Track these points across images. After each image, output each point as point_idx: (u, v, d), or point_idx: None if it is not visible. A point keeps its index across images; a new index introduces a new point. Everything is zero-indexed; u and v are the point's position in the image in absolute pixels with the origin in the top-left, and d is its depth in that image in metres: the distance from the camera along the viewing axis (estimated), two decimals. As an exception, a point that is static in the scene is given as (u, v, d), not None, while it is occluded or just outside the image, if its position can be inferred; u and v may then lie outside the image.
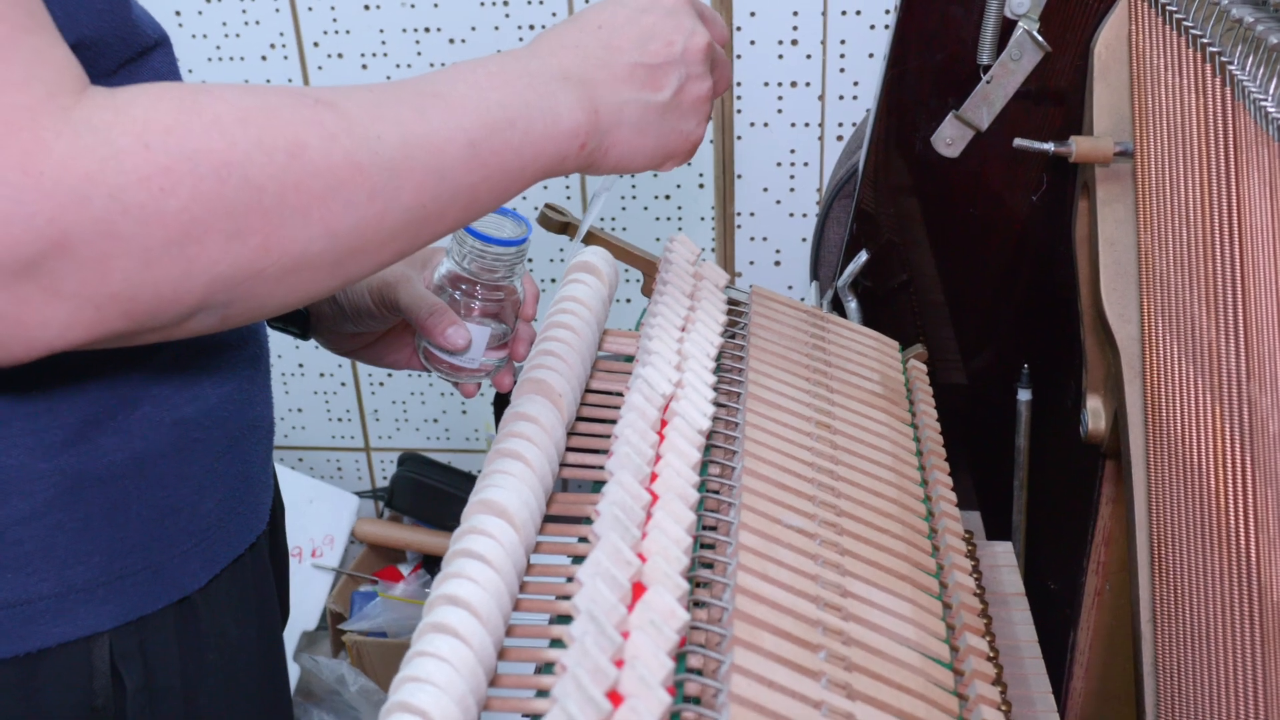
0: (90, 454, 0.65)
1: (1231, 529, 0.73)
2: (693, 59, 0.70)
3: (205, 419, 0.71)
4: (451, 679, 0.51)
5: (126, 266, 0.49)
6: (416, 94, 0.60)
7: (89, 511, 0.65)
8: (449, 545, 0.60)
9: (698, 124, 0.72)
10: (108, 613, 0.66)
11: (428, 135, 0.58)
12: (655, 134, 0.69)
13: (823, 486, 0.74)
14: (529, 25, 1.77)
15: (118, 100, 0.50)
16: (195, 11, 1.82)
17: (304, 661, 1.90)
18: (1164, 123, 0.85)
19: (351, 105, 0.57)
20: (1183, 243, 0.82)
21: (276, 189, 0.52)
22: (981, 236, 1.13)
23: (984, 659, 0.67)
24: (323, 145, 0.54)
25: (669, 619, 0.55)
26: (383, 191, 0.56)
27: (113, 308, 0.50)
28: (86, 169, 0.48)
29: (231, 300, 0.54)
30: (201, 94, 0.52)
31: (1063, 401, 1.12)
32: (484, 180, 0.61)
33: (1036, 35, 1.00)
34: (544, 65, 0.65)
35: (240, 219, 0.52)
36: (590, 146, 0.66)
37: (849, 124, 1.77)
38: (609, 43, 0.68)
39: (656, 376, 0.74)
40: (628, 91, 0.68)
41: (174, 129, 0.50)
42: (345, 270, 0.58)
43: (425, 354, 0.87)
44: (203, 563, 0.71)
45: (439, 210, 0.60)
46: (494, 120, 0.61)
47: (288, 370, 2.08)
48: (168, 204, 0.49)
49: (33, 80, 0.48)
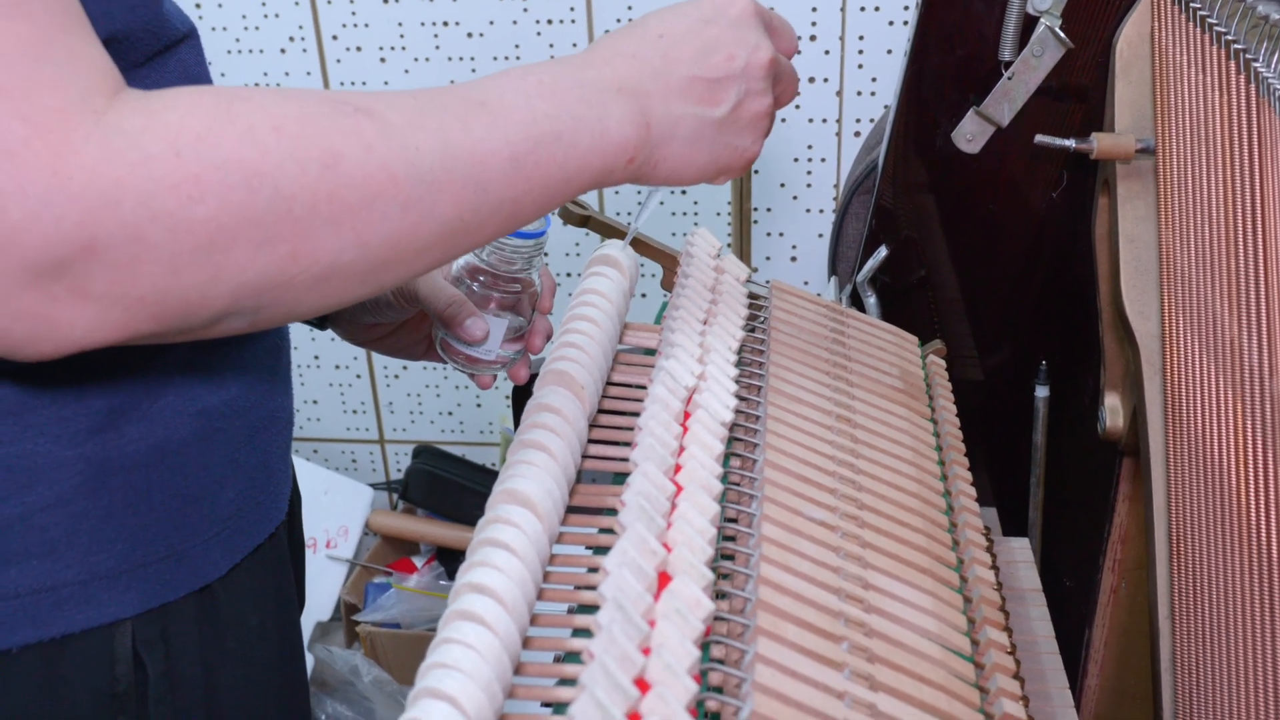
0: (115, 442, 0.65)
1: (1252, 525, 0.73)
2: (754, 74, 0.68)
3: (227, 409, 0.71)
4: (478, 666, 0.51)
5: (154, 271, 0.50)
6: (462, 102, 0.58)
7: (113, 499, 0.65)
8: (473, 534, 0.60)
9: (754, 140, 0.70)
10: (130, 600, 0.67)
11: (469, 147, 0.57)
12: (709, 149, 0.68)
13: (844, 480, 0.74)
14: (547, 20, 1.77)
15: (152, 105, 0.50)
16: (215, 4, 1.83)
17: (318, 652, 1.91)
18: (1186, 119, 0.85)
19: (393, 114, 0.56)
20: (1204, 239, 0.82)
21: (308, 199, 0.52)
22: (1001, 232, 1.13)
23: (1004, 653, 0.67)
24: (359, 155, 0.53)
25: (695, 608, 0.56)
26: (419, 203, 0.55)
27: (140, 310, 0.51)
28: (116, 174, 0.48)
29: (260, 306, 0.54)
30: (237, 101, 0.52)
31: (1080, 398, 1.12)
32: (526, 193, 0.60)
33: (1058, 31, 1.00)
34: (598, 75, 0.63)
35: (269, 228, 0.51)
36: (639, 160, 0.65)
37: (867, 120, 1.77)
38: (668, 53, 0.66)
39: (679, 369, 0.75)
40: (683, 105, 0.66)
41: (206, 137, 0.50)
42: (378, 279, 0.57)
43: (442, 345, 0.88)
44: (224, 551, 0.72)
45: (478, 222, 0.59)
46: (540, 133, 0.60)
47: (304, 362, 2.09)
48: (196, 211, 0.49)
49: (66, 82, 0.48)
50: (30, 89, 0.47)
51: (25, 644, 0.64)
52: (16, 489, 0.63)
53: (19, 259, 0.47)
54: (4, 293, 0.48)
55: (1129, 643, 1.10)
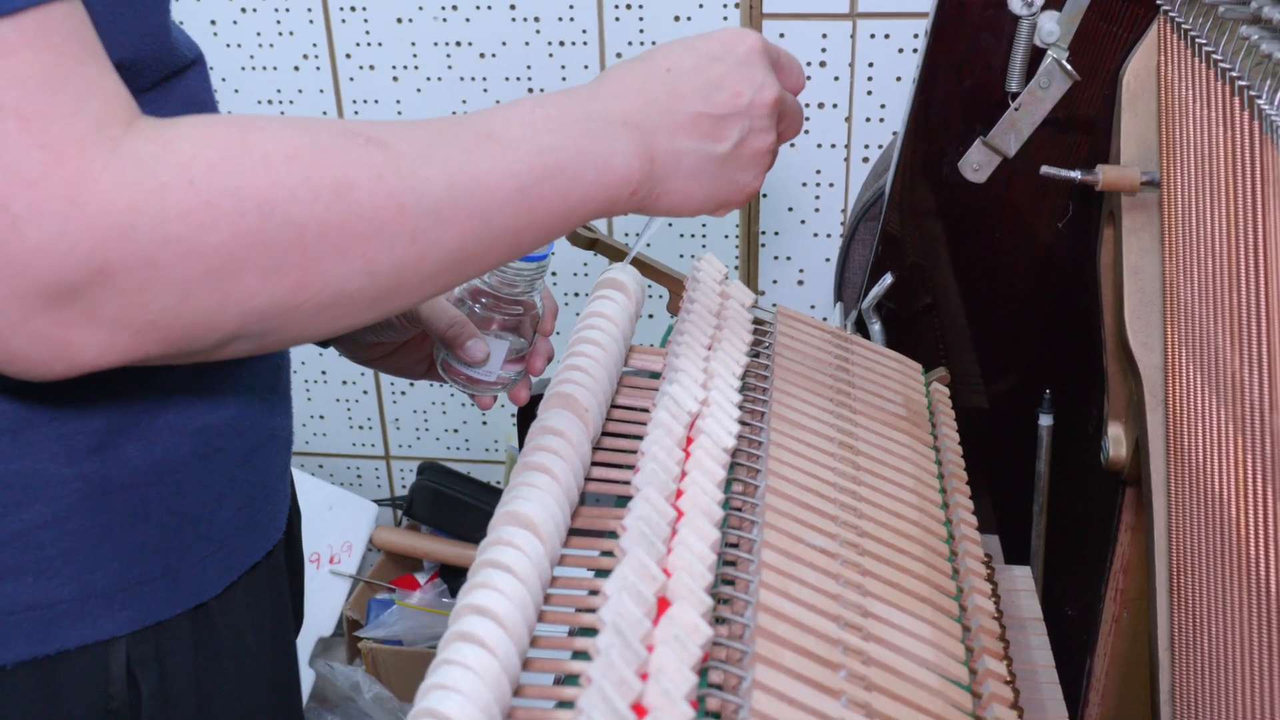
0: (113, 460, 0.66)
1: (1252, 560, 0.74)
2: (758, 112, 0.69)
3: (226, 427, 0.71)
4: (477, 688, 0.52)
5: (165, 296, 0.51)
6: (470, 134, 0.59)
7: (110, 517, 0.66)
8: (476, 556, 0.60)
9: (755, 176, 0.71)
10: (125, 618, 0.67)
11: (476, 178, 0.58)
12: (711, 183, 0.68)
13: (845, 507, 0.74)
14: (559, 42, 1.78)
15: (167, 134, 0.51)
16: (230, 21, 1.84)
17: (319, 667, 1.91)
18: (1191, 154, 0.86)
19: (403, 145, 0.56)
20: (1207, 273, 0.82)
21: (318, 228, 0.53)
22: (1006, 262, 1.14)
23: (1002, 683, 0.68)
24: (369, 186, 0.54)
25: (693, 634, 0.56)
26: (425, 233, 0.56)
27: (150, 334, 0.52)
28: (130, 201, 0.49)
29: (267, 331, 0.55)
30: (251, 130, 0.53)
31: (1084, 428, 1.13)
32: (530, 224, 0.61)
33: (1066, 64, 1.00)
34: (605, 108, 0.64)
35: (279, 255, 0.52)
36: (642, 193, 0.66)
37: (875, 146, 1.77)
38: (674, 88, 0.67)
39: (683, 394, 0.75)
40: (687, 140, 0.67)
41: (219, 165, 0.51)
42: (383, 306, 0.58)
43: (443, 365, 0.88)
44: (220, 570, 0.72)
45: (481, 252, 0.60)
46: (545, 165, 0.61)
47: (310, 377, 2.10)
48: (208, 238, 0.50)
49: (82, 111, 0.49)
50: (49, 118, 0.48)
51: (19, 661, 0.64)
52: (14, 506, 0.63)
53: (34, 283, 0.48)
54: (18, 315, 0.49)
55: (1130, 673, 1.10)
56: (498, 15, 1.79)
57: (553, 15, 1.78)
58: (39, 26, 0.49)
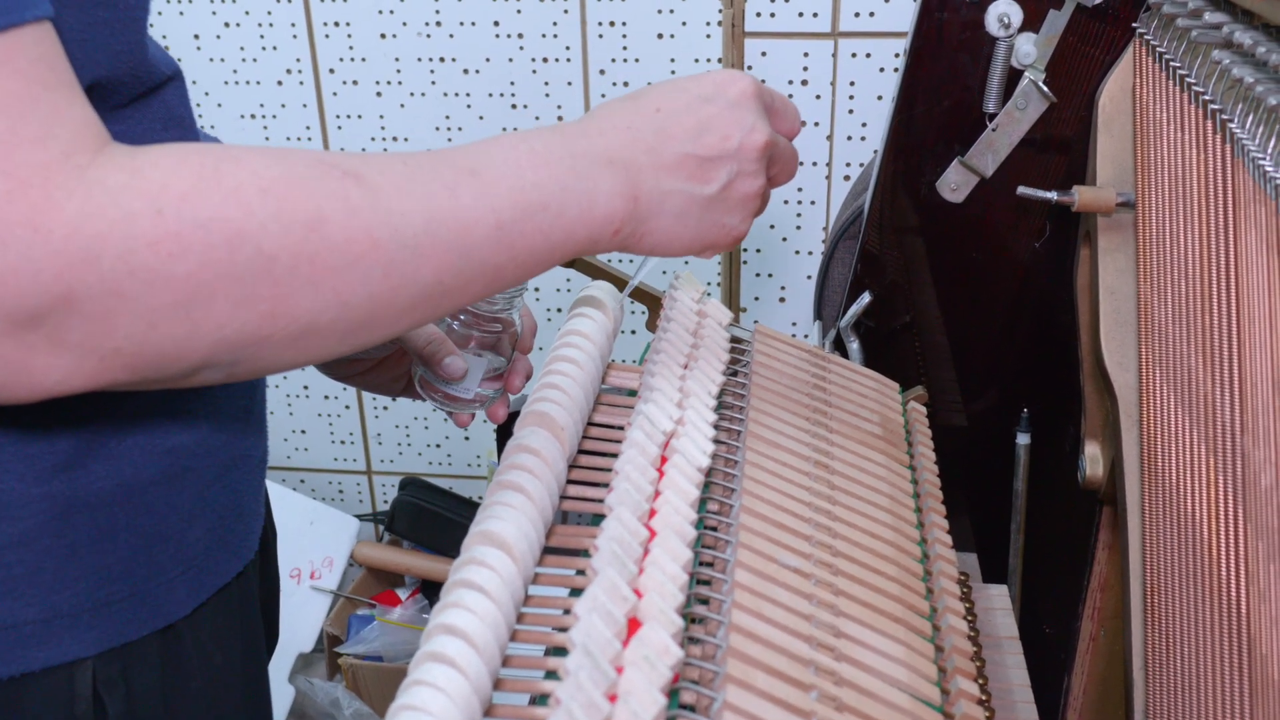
0: (81, 480, 0.65)
1: (1223, 580, 0.74)
2: (747, 156, 0.68)
3: (197, 448, 0.71)
4: (447, 708, 0.52)
5: (130, 324, 0.50)
6: (452, 169, 0.59)
7: (76, 538, 0.65)
8: (449, 575, 0.60)
9: (742, 220, 0.70)
10: (92, 639, 0.67)
11: (455, 214, 0.58)
12: (696, 225, 0.68)
13: (819, 527, 0.74)
14: (542, 58, 1.79)
15: (136, 161, 0.51)
16: (213, 35, 1.84)
17: (299, 684, 1.90)
18: (1165, 176, 0.87)
19: (380, 177, 0.56)
20: (1181, 295, 0.83)
21: (289, 260, 0.53)
22: (984, 281, 1.14)
23: (974, 703, 0.68)
24: (343, 220, 0.54)
25: (663, 655, 0.56)
26: (401, 267, 0.56)
27: (115, 360, 0.51)
28: (96, 229, 0.48)
29: (237, 360, 0.55)
30: (225, 160, 0.53)
31: (1061, 447, 1.13)
32: (510, 261, 0.61)
33: (1042, 85, 1.01)
34: (591, 145, 0.64)
35: (248, 286, 0.52)
36: (625, 232, 0.65)
37: (856, 164, 1.78)
38: (663, 128, 0.66)
39: (658, 413, 0.75)
40: (673, 181, 0.66)
41: (190, 196, 0.51)
42: (356, 338, 0.58)
43: (421, 382, 0.88)
44: (189, 591, 0.71)
45: (459, 286, 0.60)
46: (527, 202, 0.60)
47: (292, 392, 2.09)
48: (175, 268, 0.50)
49: (49, 138, 0.49)
50: (13, 145, 0.48)
51: None
52: None
53: None
54: None
55: (1107, 691, 1.10)
56: (481, 32, 1.80)
57: (536, 32, 1.78)
58: (6, 51, 0.48)
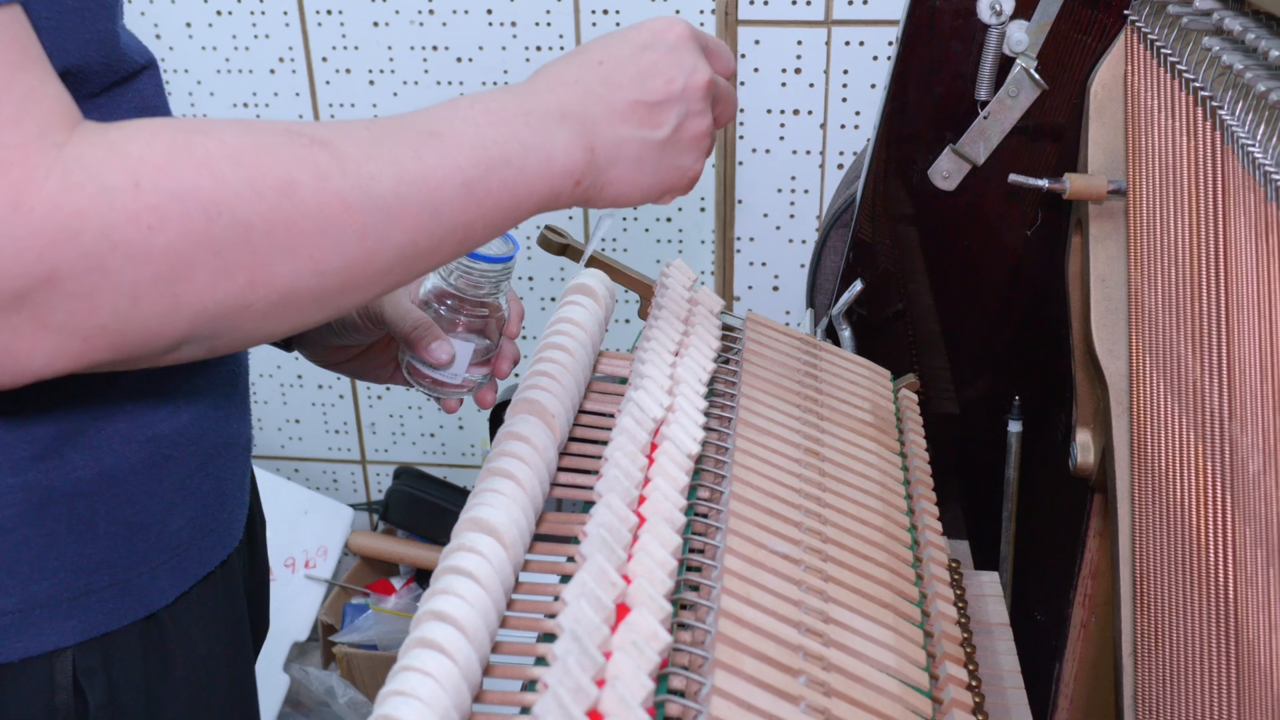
0: (58, 470, 0.65)
1: (1211, 565, 0.74)
2: (692, 96, 0.70)
3: (179, 436, 0.71)
4: (436, 694, 0.52)
5: (114, 300, 0.51)
6: (414, 132, 0.60)
7: (55, 527, 0.65)
8: (439, 561, 0.60)
9: (696, 159, 0.72)
10: (71, 629, 0.67)
11: (423, 175, 0.59)
12: (653, 170, 0.70)
13: (809, 513, 0.75)
14: (535, 46, 1.79)
15: (112, 137, 0.51)
16: (205, 24, 1.84)
17: (294, 672, 1.91)
18: (1156, 163, 0.87)
19: (347, 144, 0.57)
20: (1171, 282, 0.83)
21: (265, 227, 0.53)
22: (976, 269, 1.14)
23: (963, 688, 0.68)
24: (314, 184, 0.55)
25: (651, 640, 0.56)
26: (374, 230, 0.57)
27: (100, 339, 0.52)
28: (77, 206, 0.49)
29: (218, 332, 0.55)
30: (195, 132, 0.53)
31: (1053, 434, 1.13)
32: (479, 218, 0.62)
33: (1034, 73, 1.01)
34: (541, 102, 0.65)
35: (227, 256, 0.53)
36: (586, 183, 0.67)
37: (850, 152, 1.78)
38: (609, 79, 0.68)
39: (648, 400, 0.75)
40: (626, 129, 0.68)
41: (164, 168, 0.51)
42: (334, 304, 0.58)
43: (408, 368, 0.88)
44: (171, 580, 0.71)
45: (431, 247, 0.60)
46: (489, 159, 0.61)
47: (286, 381, 2.09)
48: (155, 241, 0.50)
49: (25, 118, 0.49)
50: None
51: None
52: None
53: None
54: None
55: (1099, 677, 1.10)
56: (474, 20, 1.79)
57: (530, 20, 1.78)
58: None
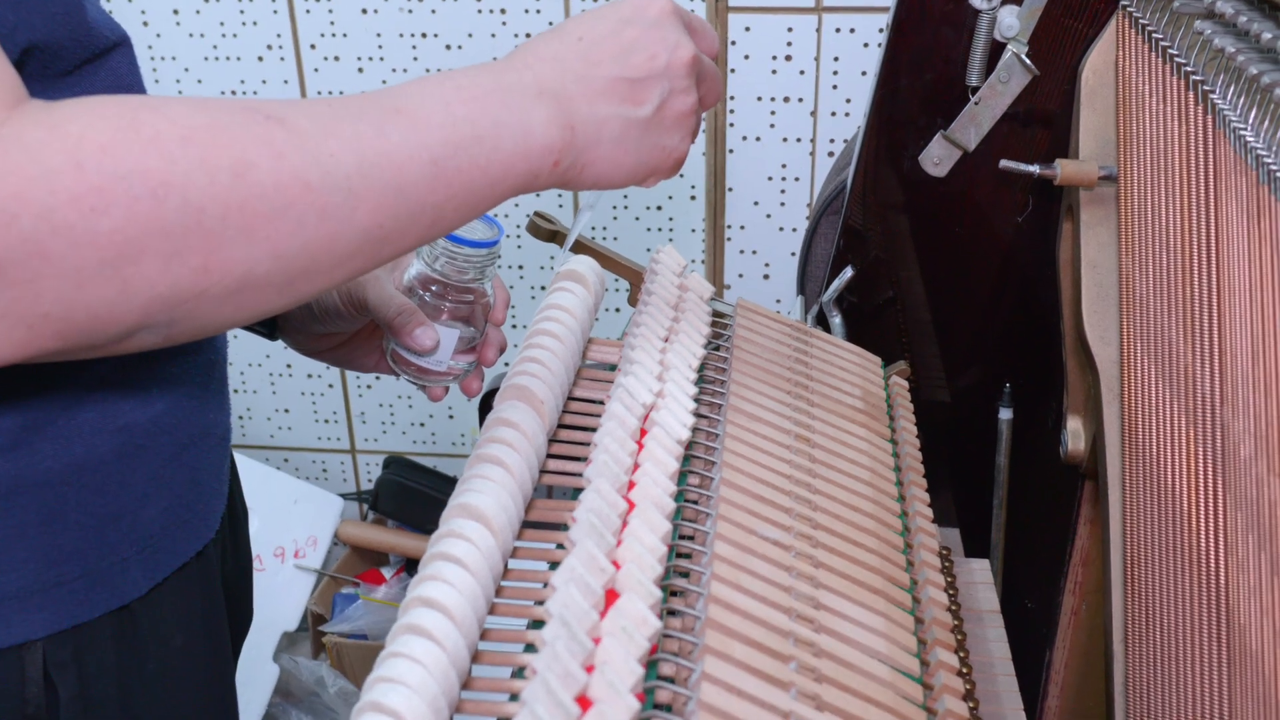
0: (27, 460, 0.64)
1: (1202, 552, 0.74)
2: (676, 73, 0.67)
3: (152, 425, 0.70)
4: (424, 680, 0.51)
5: (58, 287, 0.49)
6: (377, 109, 0.57)
7: (24, 518, 0.64)
8: (427, 548, 0.60)
9: (681, 139, 0.69)
10: (41, 620, 0.66)
11: (386, 153, 0.56)
12: (636, 150, 0.66)
13: (800, 499, 0.74)
14: (525, 33, 1.78)
15: (54, 116, 0.49)
16: (193, 10, 1.82)
17: (284, 662, 1.90)
18: (1147, 148, 0.86)
19: (305, 121, 0.54)
20: (1162, 267, 0.82)
21: (218, 210, 0.51)
22: (967, 256, 1.14)
23: (954, 674, 0.68)
24: (270, 164, 0.52)
25: (640, 626, 0.56)
26: (336, 211, 0.54)
27: (45, 327, 0.50)
28: (15, 189, 0.47)
29: (174, 320, 0.53)
30: (144, 110, 0.51)
31: (1044, 421, 1.13)
32: (449, 199, 0.59)
33: (1025, 58, 1.01)
34: (519, 79, 0.62)
35: (178, 240, 0.50)
36: (565, 164, 0.64)
37: (840, 140, 1.78)
38: (589, 55, 0.65)
39: (637, 386, 0.75)
40: (607, 107, 0.65)
41: (109, 148, 0.49)
42: (296, 290, 0.56)
43: (393, 355, 0.86)
44: (144, 571, 0.70)
45: (399, 229, 0.58)
46: (459, 137, 0.59)
47: (275, 370, 2.08)
48: (100, 224, 0.48)
49: None
50: None
51: None
52: None
53: None
54: None
55: (1089, 665, 1.11)
56: (463, 7, 1.78)
57: (519, 7, 1.77)
58: None
